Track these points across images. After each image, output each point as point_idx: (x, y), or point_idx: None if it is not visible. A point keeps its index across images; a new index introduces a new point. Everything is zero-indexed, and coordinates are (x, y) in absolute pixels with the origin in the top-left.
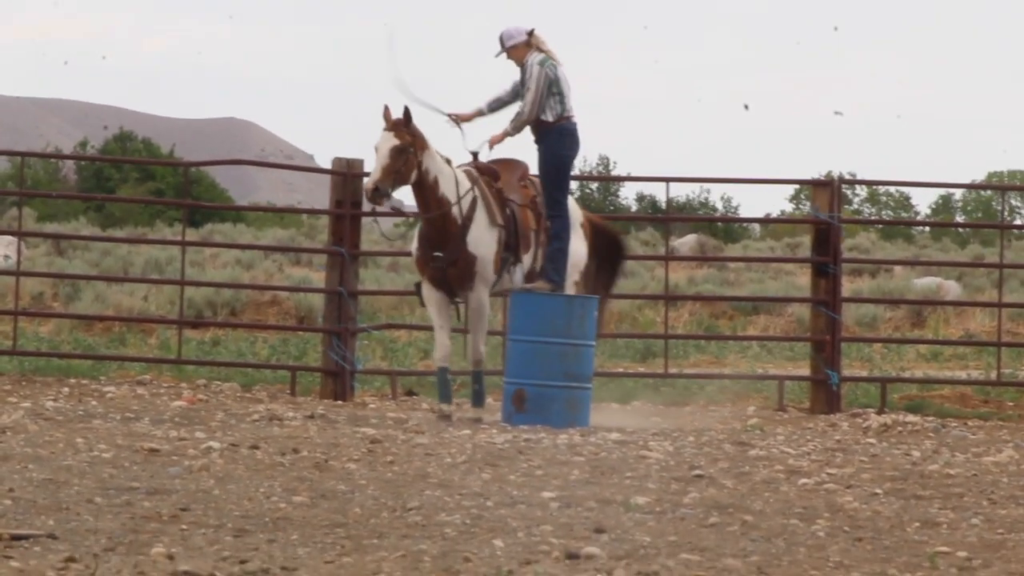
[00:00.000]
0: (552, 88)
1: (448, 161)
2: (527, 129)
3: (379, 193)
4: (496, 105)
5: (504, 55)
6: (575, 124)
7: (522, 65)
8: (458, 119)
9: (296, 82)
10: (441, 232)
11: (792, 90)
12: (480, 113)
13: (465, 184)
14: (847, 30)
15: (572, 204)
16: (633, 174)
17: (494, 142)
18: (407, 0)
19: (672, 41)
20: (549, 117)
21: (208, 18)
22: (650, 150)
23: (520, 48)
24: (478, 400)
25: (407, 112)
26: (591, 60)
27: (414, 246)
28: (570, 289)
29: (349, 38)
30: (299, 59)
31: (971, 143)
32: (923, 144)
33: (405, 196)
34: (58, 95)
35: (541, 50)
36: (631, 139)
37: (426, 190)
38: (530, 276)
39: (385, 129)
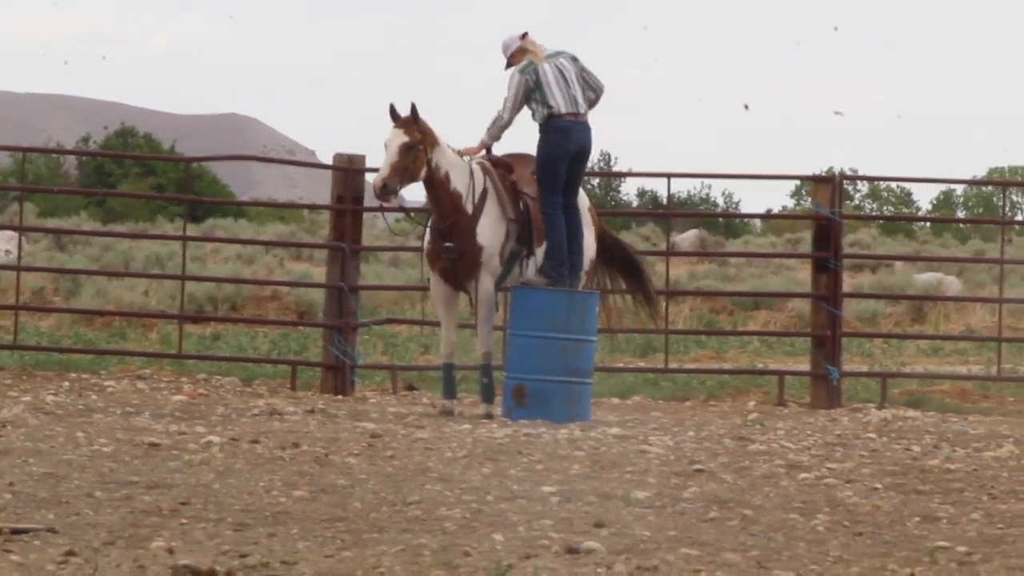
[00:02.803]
0: (534, 94)
1: (460, 154)
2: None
3: (387, 190)
4: (496, 132)
5: (509, 67)
6: (566, 123)
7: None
8: (466, 154)
9: (298, 78)
10: (452, 224)
11: (793, 87)
12: (484, 145)
13: (479, 176)
14: (847, 28)
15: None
16: (634, 170)
17: (468, 153)
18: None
19: (673, 39)
20: (537, 120)
21: (210, 14)
22: (651, 146)
23: (518, 55)
24: (487, 395)
25: (414, 109)
26: (592, 58)
27: (425, 239)
28: (581, 280)
29: (351, 34)
30: (301, 55)
31: (972, 139)
32: (924, 141)
33: (409, 193)
34: (60, 91)
35: (530, 52)
36: (632, 135)
37: (437, 186)
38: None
39: (395, 126)
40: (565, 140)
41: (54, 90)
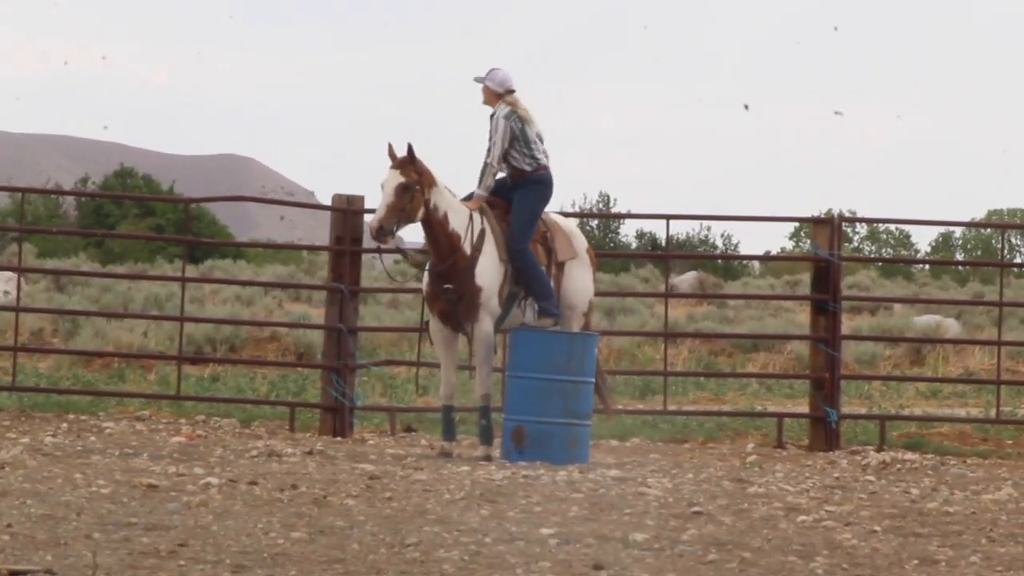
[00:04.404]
0: (516, 142)
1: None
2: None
3: (383, 232)
4: (490, 181)
5: (481, 86)
6: (551, 175)
7: (491, 116)
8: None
9: (297, 119)
10: (451, 265)
11: (791, 126)
12: (482, 199)
13: (476, 217)
14: (847, 28)
15: (576, 231)
16: (633, 211)
17: (472, 207)
18: (408, 37)
19: (672, 40)
20: (526, 167)
21: (208, 55)
22: (650, 187)
23: (493, 95)
24: (486, 437)
25: (411, 150)
26: (591, 96)
27: (424, 281)
28: (579, 320)
29: (350, 75)
30: (300, 96)
31: (971, 179)
32: (923, 180)
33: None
34: (59, 131)
35: (511, 105)
36: (631, 176)
37: (435, 226)
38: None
39: (391, 167)
40: (547, 194)
41: (52, 130)
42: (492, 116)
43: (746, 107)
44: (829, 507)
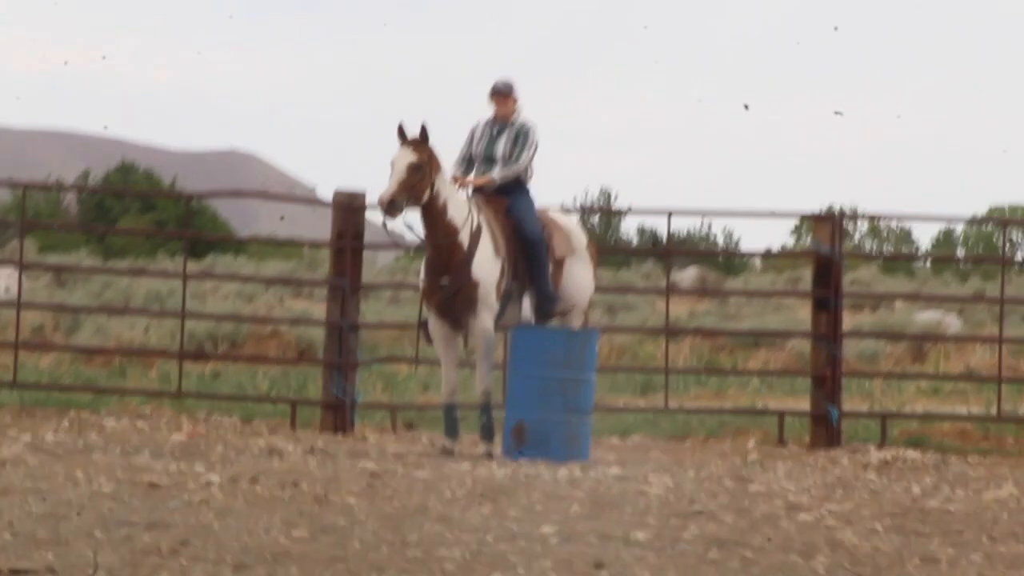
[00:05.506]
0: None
1: (466, 183)
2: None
3: (395, 206)
4: (509, 175)
5: (494, 96)
6: None
7: (512, 122)
8: (466, 183)
9: (298, 115)
10: (447, 258)
11: (794, 122)
12: (492, 182)
13: (474, 210)
14: (847, 29)
15: (575, 228)
16: (634, 207)
17: (475, 184)
18: (409, 32)
19: (672, 40)
20: (530, 175)
21: (210, 50)
22: (651, 183)
23: (511, 101)
24: (487, 434)
25: (424, 130)
26: (592, 92)
27: (421, 277)
28: (579, 317)
29: (352, 71)
30: (301, 91)
31: (973, 175)
32: (924, 176)
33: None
34: (60, 127)
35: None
36: (632, 172)
37: (435, 214)
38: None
39: (402, 144)
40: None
41: (53, 126)
42: (511, 124)
43: (746, 107)
44: (830, 505)
